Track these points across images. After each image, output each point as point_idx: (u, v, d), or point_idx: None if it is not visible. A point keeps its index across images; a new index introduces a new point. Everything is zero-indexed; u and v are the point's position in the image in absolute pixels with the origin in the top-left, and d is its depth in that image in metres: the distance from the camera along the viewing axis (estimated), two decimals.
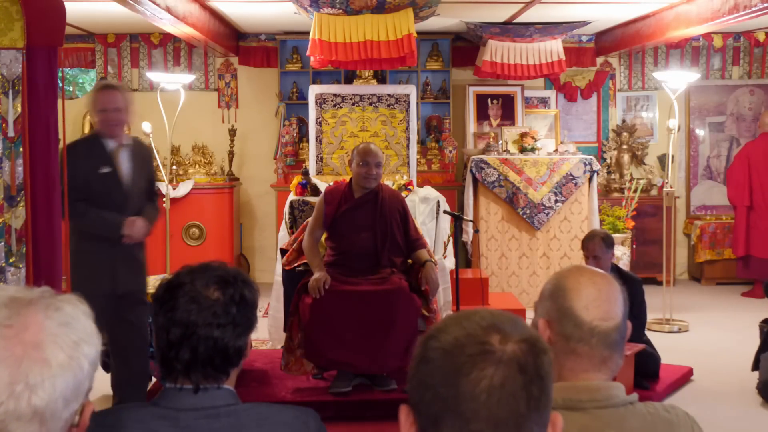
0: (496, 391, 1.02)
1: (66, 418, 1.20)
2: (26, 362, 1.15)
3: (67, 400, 1.19)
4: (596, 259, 4.72)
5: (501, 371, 1.03)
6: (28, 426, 1.15)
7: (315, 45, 6.17)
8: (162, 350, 1.68)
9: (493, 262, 7.33)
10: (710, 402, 4.77)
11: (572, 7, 6.86)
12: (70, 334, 1.21)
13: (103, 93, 4.03)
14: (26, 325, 1.19)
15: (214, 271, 1.72)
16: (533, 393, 1.04)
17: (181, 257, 7.03)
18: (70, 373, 1.19)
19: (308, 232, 4.78)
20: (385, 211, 4.68)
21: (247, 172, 8.44)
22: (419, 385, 1.07)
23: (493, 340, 1.05)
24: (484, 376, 1.02)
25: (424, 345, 1.09)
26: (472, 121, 8.15)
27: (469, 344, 1.05)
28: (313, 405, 1.90)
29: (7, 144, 3.48)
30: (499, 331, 1.06)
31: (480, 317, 1.09)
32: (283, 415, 1.71)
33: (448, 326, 1.09)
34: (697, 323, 6.62)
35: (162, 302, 1.69)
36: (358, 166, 4.65)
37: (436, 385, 1.04)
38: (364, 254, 4.64)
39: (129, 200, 4.05)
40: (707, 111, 8.66)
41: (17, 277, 3.40)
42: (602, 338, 1.55)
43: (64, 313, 1.23)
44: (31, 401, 1.15)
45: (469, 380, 1.03)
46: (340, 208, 4.69)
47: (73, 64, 8.35)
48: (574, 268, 1.64)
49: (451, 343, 1.06)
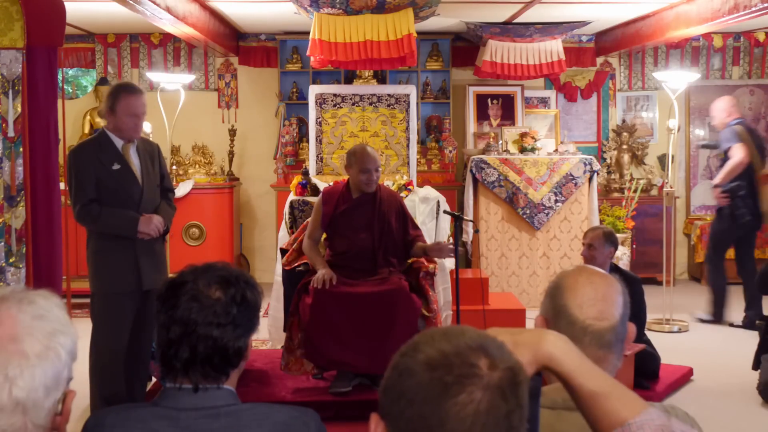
0: (481, 417, 1.00)
1: (48, 407, 1.22)
2: (4, 355, 1.17)
3: (48, 389, 1.21)
4: (591, 249, 4.71)
5: (487, 397, 1.01)
6: (11, 417, 1.17)
7: (315, 45, 6.17)
8: (162, 348, 1.69)
9: (493, 262, 7.33)
10: (710, 402, 4.77)
11: (572, 7, 6.86)
12: (45, 325, 1.23)
13: (136, 98, 3.96)
14: (0, 319, 1.20)
15: (217, 271, 1.72)
16: (513, 422, 1.03)
17: (181, 257, 7.03)
18: (48, 362, 1.21)
19: (307, 235, 4.77)
20: (383, 211, 4.68)
21: (247, 172, 8.44)
22: (399, 397, 1.04)
23: (482, 364, 1.03)
24: (472, 399, 1.00)
25: (407, 355, 1.06)
26: (472, 121, 8.15)
27: (458, 364, 1.02)
28: (313, 405, 1.90)
29: (7, 144, 3.48)
30: (488, 355, 1.04)
31: (469, 337, 1.06)
32: (283, 415, 1.71)
33: (434, 339, 1.06)
34: (697, 323, 6.62)
35: (164, 300, 1.70)
36: (358, 173, 4.61)
37: (419, 402, 1.01)
38: (362, 254, 4.64)
39: (144, 195, 4.04)
40: (707, 111, 8.65)
41: (17, 277, 3.40)
42: (595, 338, 1.54)
43: (37, 306, 1.25)
44: (12, 393, 1.17)
45: (456, 402, 1.00)
46: (338, 209, 4.69)
47: (73, 64, 8.35)
48: (576, 268, 1.64)
49: (438, 358, 1.03)
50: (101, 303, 4.00)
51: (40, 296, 1.28)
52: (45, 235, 3.65)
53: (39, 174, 3.63)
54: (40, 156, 3.64)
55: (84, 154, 3.98)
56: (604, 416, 1.24)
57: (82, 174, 3.91)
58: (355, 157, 4.64)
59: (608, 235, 4.77)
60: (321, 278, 4.43)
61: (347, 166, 4.71)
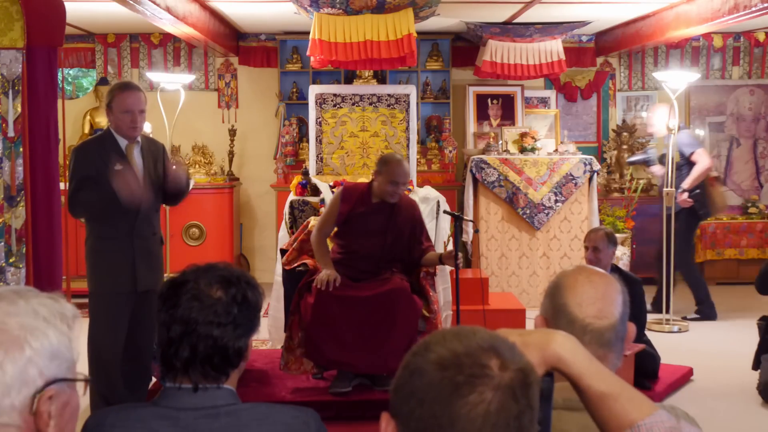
0: (491, 417, 1.00)
1: (7, 405, 1.20)
2: None
3: (8, 387, 1.20)
4: (596, 251, 4.74)
5: (498, 397, 1.01)
6: None
7: (315, 45, 6.17)
8: (162, 347, 1.69)
9: (493, 262, 7.33)
10: (710, 402, 4.77)
11: (572, 7, 6.86)
12: (12, 322, 1.23)
13: (129, 94, 3.97)
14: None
15: (218, 270, 1.72)
16: (524, 423, 1.03)
17: (181, 257, 7.03)
18: (9, 362, 1.20)
19: (318, 227, 4.71)
20: (399, 220, 4.65)
21: (247, 172, 8.44)
22: (409, 396, 1.04)
23: (493, 365, 1.03)
24: (483, 400, 1.00)
25: (418, 355, 1.06)
26: (472, 121, 8.15)
27: (469, 364, 1.02)
28: (313, 405, 1.90)
29: (7, 144, 3.48)
30: (499, 355, 1.04)
31: (480, 338, 1.06)
32: (283, 414, 1.71)
33: (446, 339, 1.06)
34: (697, 323, 6.62)
35: (165, 299, 1.70)
36: (386, 184, 4.53)
37: (430, 401, 1.02)
38: (370, 257, 4.62)
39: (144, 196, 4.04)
40: (707, 111, 8.66)
41: (17, 277, 3.40)
42: (595, 336, 1.54)
43: (15, 305, 1.25)
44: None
45: (466, 402, 1.00)
46: (356, 210, 4.64)
47: (73, 64, 8.34)
48: (576, 268, 1.64)
49: (449, 358, 1.03)
50: (97, 302, 4.01)
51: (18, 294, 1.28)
52: (45, 235, 3.65)
53: (39, 174, 3.63)
54: (40, 156, 3.64)
55: (85, 152, 3.98)
56: (613, 417, 1.24)
57: (78, 172, 3.92)
58: (387, 167, 4.55)
59: (610, 235, 4.82)
60: (325, 279, 4.42)
61: (377, 172, 4.60)
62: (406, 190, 5.96)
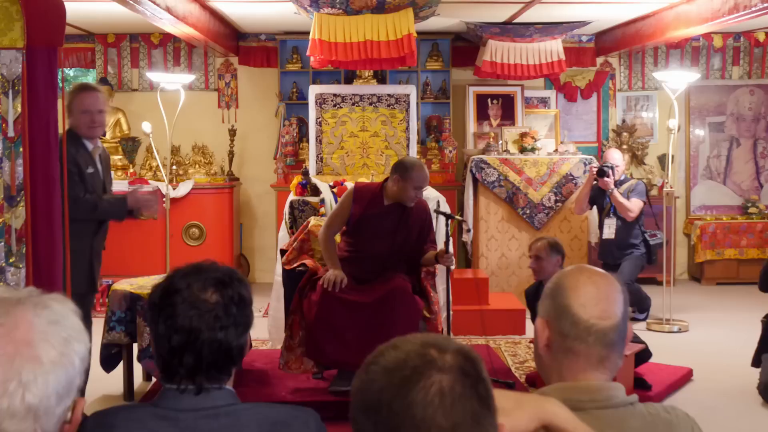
0: (448, 394, 1.06)
1: (59, 414, 1.21)
2: (18, 360, 1.16)
3: (60, 397, 1.20)
4: (538, 260, 4.86)
5: (447, 376, 1.07)
6: (22, 423, 1.16)
7: (315, 45, 6.17)
8: (163, 357, 1.67)
9: (493, 262, 7.33)
10: (710, 402, 4.77)
11: (572, 7, 6.86)
12: (60, 331, 1.22)
13: (86, 94, 4.01)
14: (16, 323, 1.20)
15: (208, 272, 1.70)
16: (481, 392, 1.09)
17: (181, 257, 7.03)
18: (62, 369, 1.20)
19: (327, 225, 4.68)
20: (410, 222, 4.64)
21: (247, 172, 8.44)
22: (367, 409, 1.10)
23: (432, 353, 1.09)
24: (433, 382, 1.06)
25: (364, 371, 1.12)
26: (472, 121, 8.15)
27: (410, 359, 1.09)
28: (313, 405, 1.89)
29: (7, 144, 3.48)
30: (434, 346, 1.11)
31: (412, 339, 1.13)
32: (283, 414, 1.71)
33: (383, 352, 1.13)
34: (697, 323, 6.62)
35: (160, 309, 1.67)
36: (411, 188, 4.48)
37: (387, 403, 1.07)
38: (377, 258, 4.61)
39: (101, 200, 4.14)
40: (707, 111, 8.66)
41: (17, 277, 3.40)
42: (600, 337, 1.54)
43: (52, 311, 1.24)
44: (25, 398, 1.16)
45: (419, 388, 1.06)
46: (368, 211, 4.61)
47: (73, 64, 8.35)
48: (576, 268, 1.64)
49: (392, 362, 1.09)
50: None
51: (55, 301, 1.27)
52: (45, 235, 3.64)
53: (39, 174, 3.62)
54: (40, 156, 3.64)
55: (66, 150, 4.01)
56: None
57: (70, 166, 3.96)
58: (412, 173, 4.47)
59: (553, 244, 4.90)
60: (332, 279, 4.42)
61: (399, 178, 4.50)
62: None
